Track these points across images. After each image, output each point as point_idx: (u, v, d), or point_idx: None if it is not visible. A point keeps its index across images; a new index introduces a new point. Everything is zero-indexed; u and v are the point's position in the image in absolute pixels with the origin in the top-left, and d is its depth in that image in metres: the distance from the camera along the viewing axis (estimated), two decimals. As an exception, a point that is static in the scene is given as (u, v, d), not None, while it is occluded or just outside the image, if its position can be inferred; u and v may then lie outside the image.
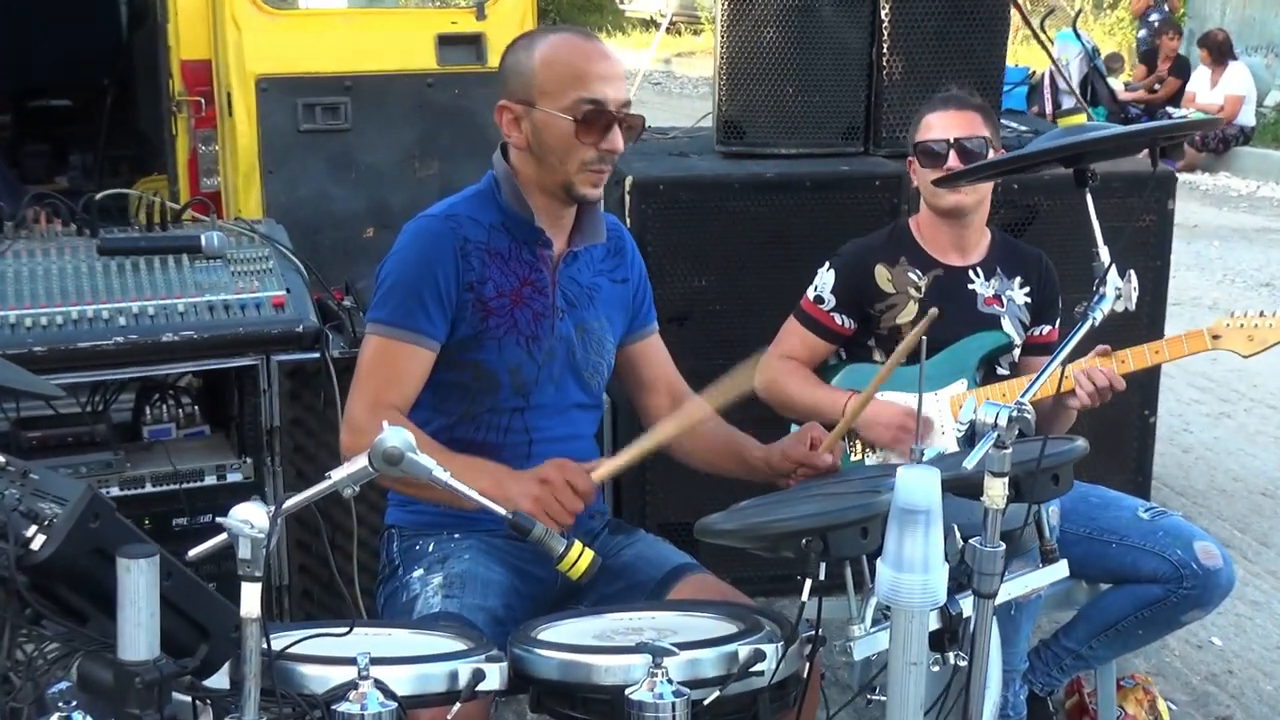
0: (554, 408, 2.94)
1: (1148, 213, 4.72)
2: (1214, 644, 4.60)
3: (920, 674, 2.02)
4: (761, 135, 4.63)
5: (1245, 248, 10.75)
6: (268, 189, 4.83)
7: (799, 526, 2.12)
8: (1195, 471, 6.15)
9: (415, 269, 2.82)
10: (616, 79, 2.80)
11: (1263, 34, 15.38)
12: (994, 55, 4.75)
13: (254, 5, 4.78)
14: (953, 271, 3.71)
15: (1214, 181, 13.54)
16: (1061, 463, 2.38)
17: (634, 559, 2.94)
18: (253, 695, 1.87)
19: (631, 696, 2.01)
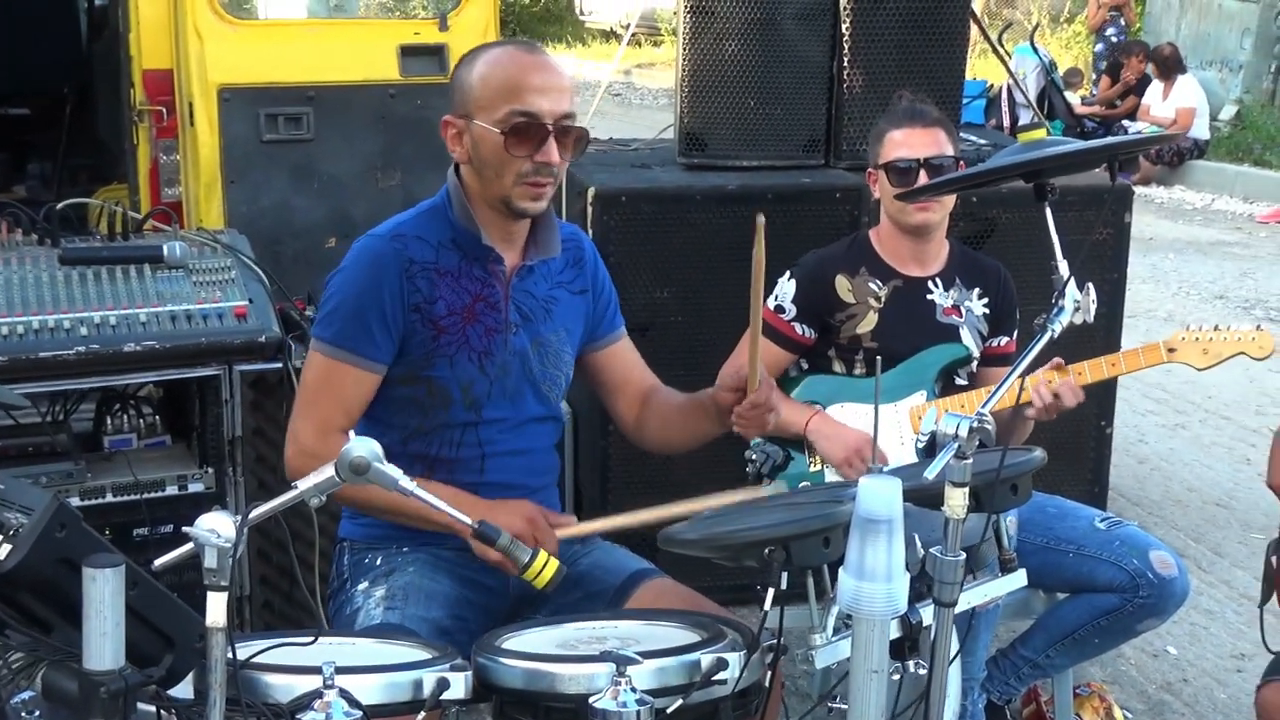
0: (508, 422, 2.93)
1: (1105, 226, 4.77)
2: (1169, 653, 4.63)
3: (882, 682, 2.03)
4: (723, 147, 4.66)
5: (1200, 261, 10.83)
6: (229, 199, 4.81)
7: (762, 536, 2.13)
8: (1151, 482, 6.19)
9: (359, 292, 2.81)
10: (554, 91, 2.77)
11: (1216, 49, 15.54)
12: (953, 68, 4.79)
13: (216, 15, 4.77)
14: (912, 282, 3.74)
15: (1169, 194, 13.64)
16: (1020, 473, 2.39)
17: (591, 567, 2.95)
18: (218, 705, 1.87)
19: (595, 705, 2.01)
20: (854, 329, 3.70)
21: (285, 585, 3.78)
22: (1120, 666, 4.50)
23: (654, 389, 3.15)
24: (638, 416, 3.14)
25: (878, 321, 3.70)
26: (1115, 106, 14.30)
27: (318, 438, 2.76)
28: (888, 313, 3.71)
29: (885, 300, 3.71)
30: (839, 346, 3.73)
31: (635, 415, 3.14)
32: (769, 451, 3.80)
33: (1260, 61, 15.46)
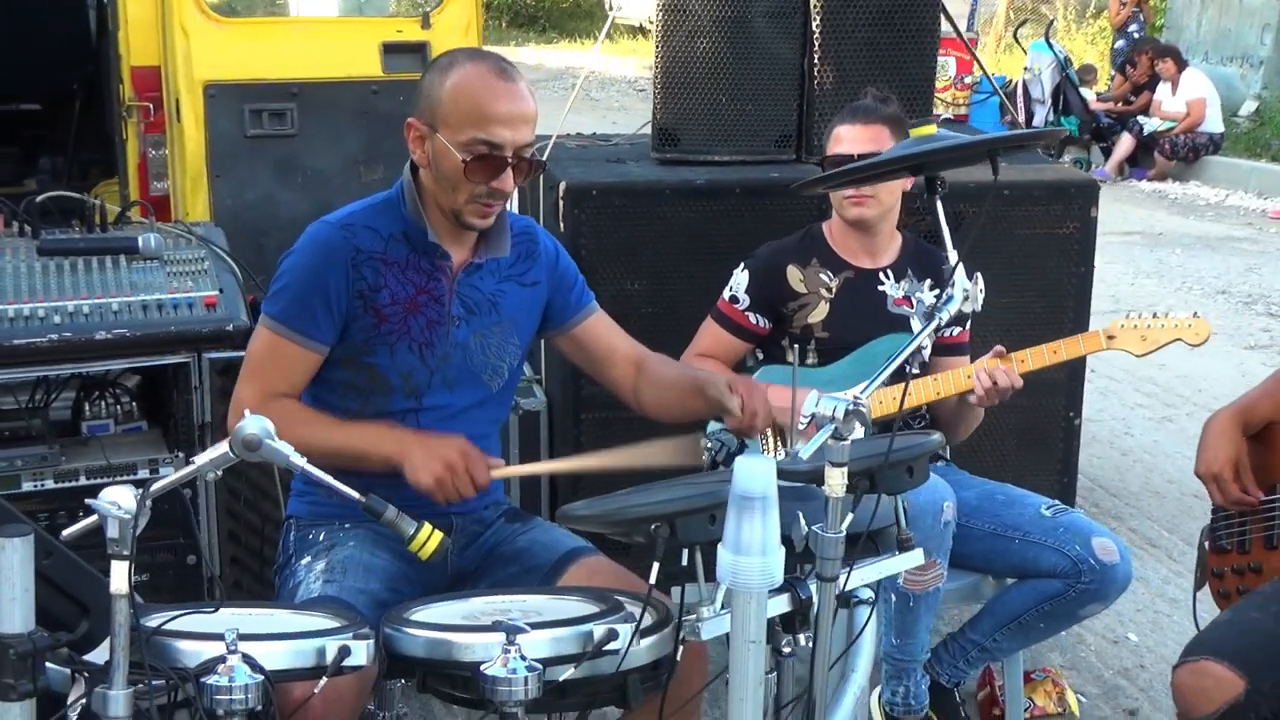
0: (449, 409, 3.01)
1: (1071, 220, 4.81)
2: (1130, 639, 4.69)
3: (759, 652, 2.12)
4: (696, 143, 4.71)
5: (1207, 256, 10.83)
6: (215, 193, 4.91)
7: (649, 513, 2.21)
8: (1131, 473, 6.24)
9: (306, 275, 2.91)
10: (519, 122, 2.84)
11: (1237, 45, 15.50)
12: (923, 64, 4.83)
13: (202, 13, 4.87)
14: (863, 273, 3.83)
15: (1183, 190, 13.63)
16: (914, 455, 2.46)
17: (529, 544, 3.04)
18: (121, 667, 1.97)
19: (486, 672, 2.11)
20: (805, 318, 3.79)
21: (256, 566, 3.88)
22: (1080, 652, 4.57)
23: (645, 356, 3.24)
24: (634, 383, 3.22)
25: (829, 311, 3.79)
26: (1130, 103, 14.27)
27: (259, 404, 2.79)
28: (839, 303, 3.79)
29: (836, 291, 3.80)
30: (792, 335, 3.81)
31: (631, 382, 3.22)
32: (724, 440, 3.91)
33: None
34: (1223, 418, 3.37)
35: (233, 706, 2.04)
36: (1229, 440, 3.32)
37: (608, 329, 3.28)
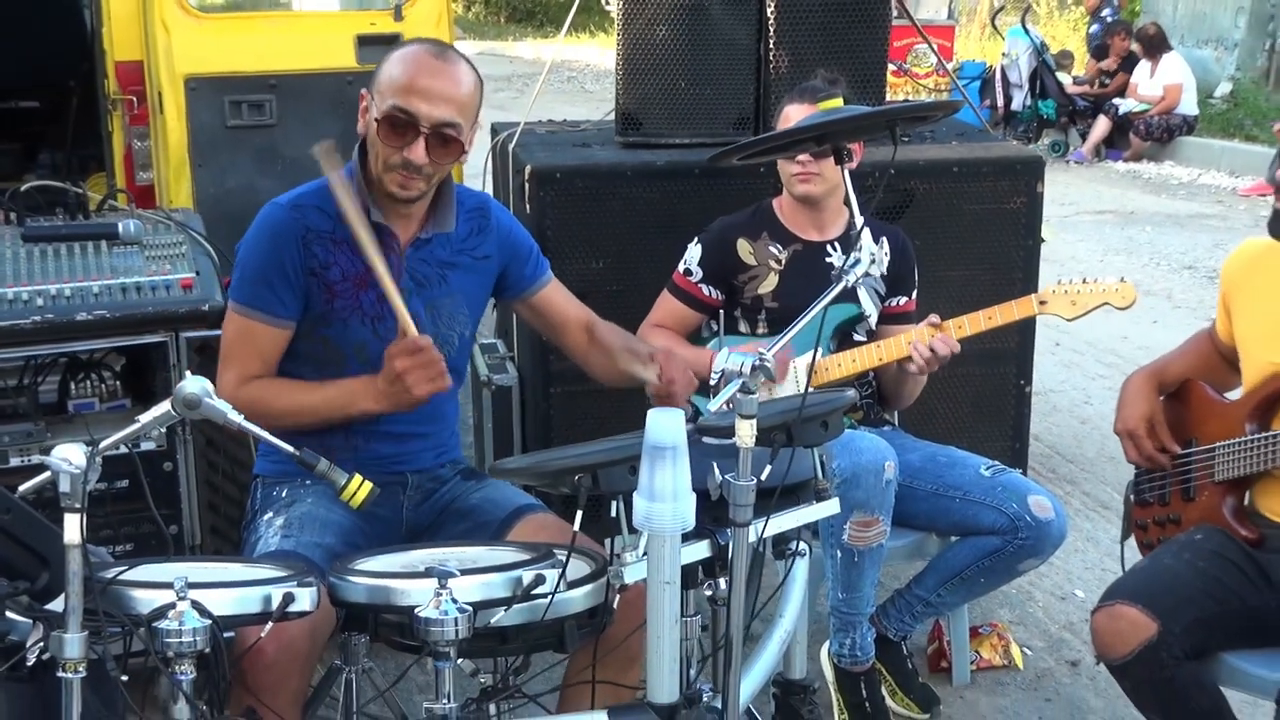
0: None
1: (1018, 195, 4.88)
2: (1077, 595, 4.77)
3: (675, 592, 2.21)
4: (657, 126, 4.78)
5: (1176, 233, 10.88)
6: (198, 181, 4.97)
7: (572, 464, 2.30)
8: (1089, 441, 6.31)
9: (262, 257, 3.02)
10: (439, 99, 2.89)
11: (1212, 28, 15.54)
12: (875, 48, 4.89)
13: (182, 9, 4.93)
14: (811, 246, 3.91)
15: (1158, 170, 13.68)
16: (827, 411, 2.55)
17: (481, 501, 3.12)
18: (76, 612, 2.07)
19: (419, 614, 2.21)
20: (756, 289, 3.88)
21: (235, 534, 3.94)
22: (1029, 608, 4.66)
23: (595, 324, 3.34)
24: (585, 349, 3.34)
25: (778, 283, 3.87)
26: (1105, 85, 14.33)
27: (237, 386, 2.98)
28: (787, 274, 3.88)
29: (785, 263, 3.88)
30: (743, 307, 3.90)
31: (583, 348, 3.34)
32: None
33: (1254, 40, 15.44)
34: (1138, 378, 3.46)
35: (182, 649, 2.13)
36: (1144, 399, 3.41)
37: (563, 299, 3.38)
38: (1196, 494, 3.33)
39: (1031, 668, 4.29)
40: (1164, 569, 3.16)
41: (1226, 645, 3.12)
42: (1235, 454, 3.21)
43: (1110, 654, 3.07)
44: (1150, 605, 3.02)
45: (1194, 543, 3.22)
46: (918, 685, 4.01)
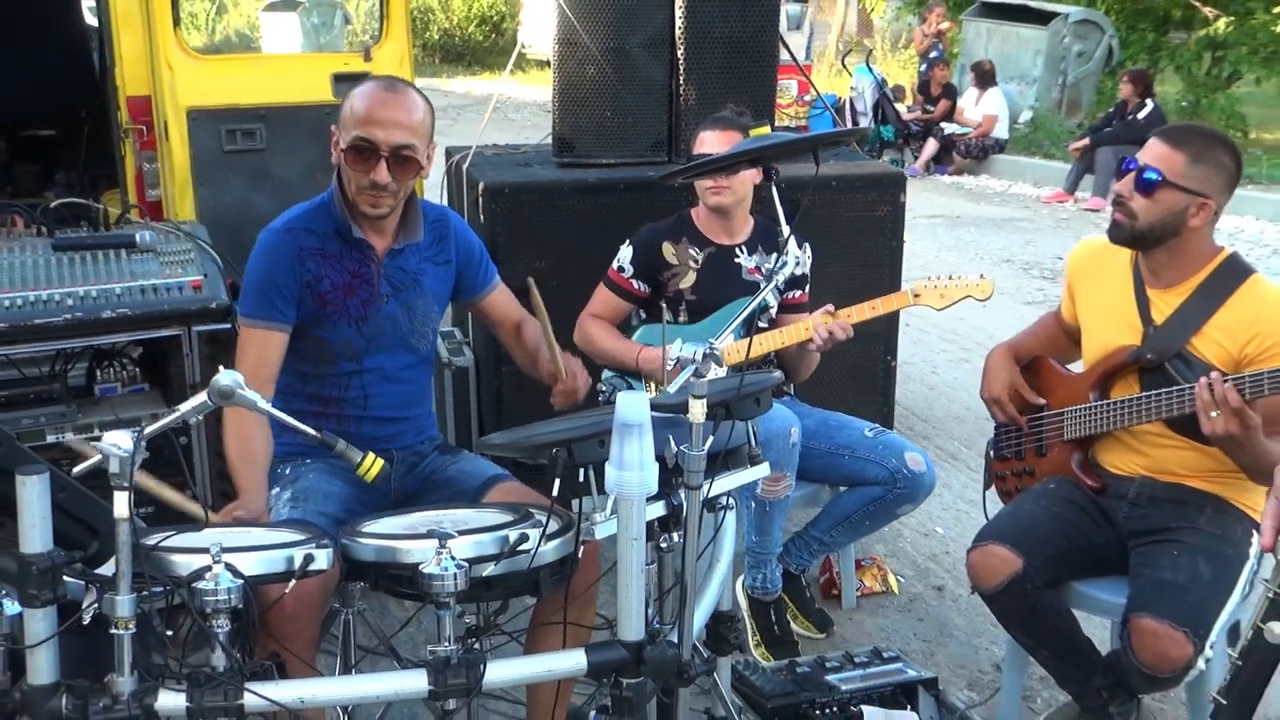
0: (384, 369, 3.01)
1: (885, 204, 4.86)
2: (937, 532, 4.76)
3: (641, 547, 2.13)
4: (588, 149, 4.71)
5: (994, 232, 10.94)
6: (199, 198, 4.81)
7: (550, 439, 2.21)
8: (938, 404, 6.32)
9: (264, 274, 2.91)
10: (394, 126, 2.79)
11: (1016, 66, 15.63)
12: (765, 84, 4.88)
13: (184, 51, 4.77)
14: (723, 249, 3.84)
15: (976, 182, 13.76)
16: (760, 389, 2.47)
17: (457, 473, 3.03)
18: (126, 577, 1.95)
19: (423, 570, 2.10)
20: (678, 284, 3.80)
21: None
22: (899, 544, 4.64)
23: (523, 322, 3.25)
24: (512, 343, 3.28)
25: (696, 279, 3.80)
26: (929, 112, 14.40)
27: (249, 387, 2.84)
28: (704, 272, 3.81)
29: (701, 263, 3.81)
30: (667, 299, 3.82)
31: (511, 342, 3.28)
32: (616, 384, 3.95)
33: (1049, 76, 15.57)
34: (999, 352, 3.43)
35: (218, 606, 2.01)
36: (1005, 369, 3.38)
37: (506, 301, 3.30)
38: (1048, 450, 3.30)
39: (905, 592, 4.27)
40: (1025, 514, 3.14)
41: (1076, 576, 3.10)
42: (1081, 417, 3.18)
43: (983, 585, 3.04)
44: (1015, 544, 3.00)
45: (1049, 491, 3.20)
46: (815, 610, 3.98)
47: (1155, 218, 2.94)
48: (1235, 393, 2.70)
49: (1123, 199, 2.97)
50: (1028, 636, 3.10)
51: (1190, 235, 2.97)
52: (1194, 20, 16.28)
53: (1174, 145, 2.93)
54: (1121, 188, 2.98)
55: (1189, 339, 2.99)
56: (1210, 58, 16.58)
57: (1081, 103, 15.63)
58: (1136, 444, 3.13)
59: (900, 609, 4.16)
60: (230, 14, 22.52)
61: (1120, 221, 2.99)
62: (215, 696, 1.99)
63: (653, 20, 4.64)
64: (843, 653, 3.60)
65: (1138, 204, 2.95)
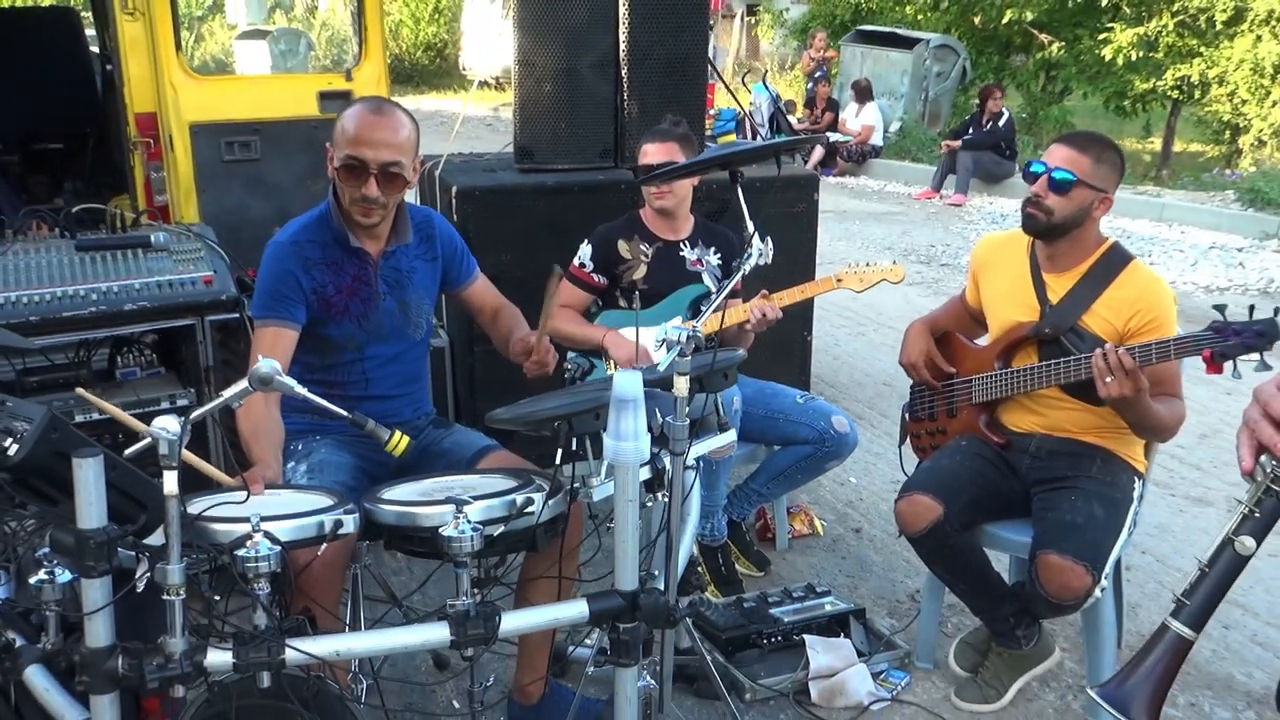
0: (383, 356, 2.89)
1: (801, 202, 4.82)
2: (851, 481, 4.73)
3: (635, 508, 2.04)
4: (545, 157, 4.59)
5: (875, 225, 10.96)
6: (202, 203, 4.63)
7: (553, 414, 2.12)
8: (842, 371, 6.29)
9: (273, 280, 2.77)
10: (381, 145, 2.66)
11: (887, 83, 15.67)
12: (698, 100, 4.77)
13: (186, 73, 4.57)
14: (669, 244, 3.75)
15: (857, 182, 13.80)
16: (728, 365, 2.40)
17: (451, 445, 2.92)
18: (175, 547, 1.82)
19: (443, 533, 2.00)
20: (631, 276, 3.70)
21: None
22: (820, 493, 4.59)
23: (500, 309, 3.14)
24: (490, 327, 3.15)
25: (647, 271, 3.70)
26: (816, 123, 14.41)
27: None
28: (654, 265, 3.71)
29: (651, 256, 3.71)
30: (622, 290, 3.73)
31: (489, 326, 3.15)
32: (579, 362, 3.83)
33: (914, 92, 15.65)
34: (916, 325, 3.39)
35: (259, 570, 1.90)
36: (922, 339, 3.34)
37: (485, 290, 3.18)
38: (958, 412, 3.26)
39: (828, 534, 4.22)
40: (943, 467, 3.09)
41: (987, 519, 3.07)
42: (988, 383, 3.14)
43: (909, 530, 2.99)
44: (936, 493, 2.96)
45: (961, 447, 3.16)
46: (754, 552, 3.93)
47: (1069, 212, 2.92)
48: (1130, 358, 2.67)
49: (1038, 198, 2.93)
50: (947, 573, 3.06)
51: (1089, 225, 2.95)
52: (1032, 45, 16.45)
53: (1079, 150, 2.90)
54: (1037, 188, 2.93)
55: (1080, 316, 2.97)
56: (1045, 76, 16.81)
57: (941, 114, 15.75)
58: (1035, 406, 3.10)
59: (825, 549, 4.11)
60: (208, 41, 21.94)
61: (1035, 216, 2.95)
62: (259, 653, 1.88)
63: (600, 44, 4.52)
64: (781, 589, 3.56)
65: (1053, 201, 2.91)
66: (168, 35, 4.49)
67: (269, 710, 1.99)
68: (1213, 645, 3.49)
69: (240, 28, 21.83)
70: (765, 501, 3.94)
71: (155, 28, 4.49)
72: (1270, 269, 8.81)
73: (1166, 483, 4.73)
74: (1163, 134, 14.99)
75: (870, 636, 3.41)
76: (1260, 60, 12.75)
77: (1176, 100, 14.22)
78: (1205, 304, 7.75)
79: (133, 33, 4.50)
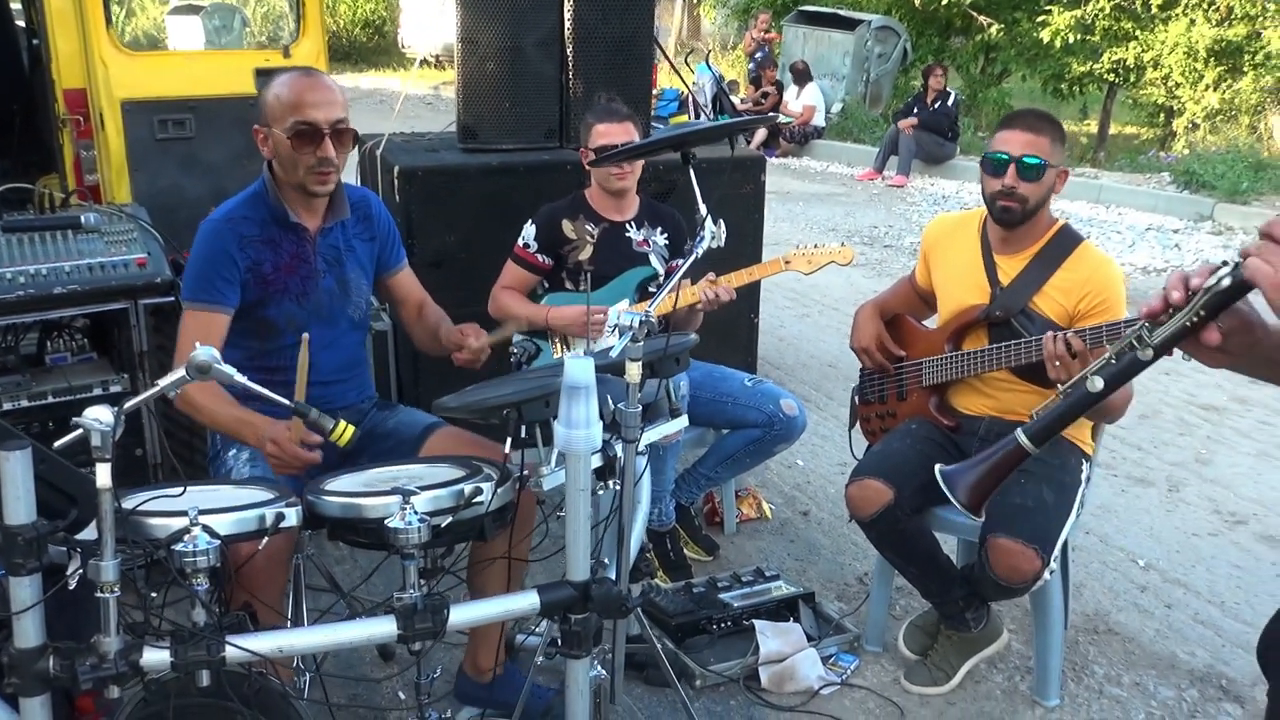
0: (324, 338, 2.78)
1: (748, 183, 4.78)
2: (799, 464, 4.72)
3: (587, 496, 2.00)
4: (489, 136, 4.51)
5: (818, 205, 10.98)
6: (135, 182, 4.50)
7: (502, 401, 2.06)
8: (788, 353, 6.28)
9: (206, 261, 2.67)
10: (327, 104, 2.61)
11: (829, 65, 15.68)
12: (643, 80, 4.72)
13: (116, 48, 4.43)
14: (615, 225, 3.70)
15: (800, 164, 13.81)
16: (681, 350, 2.36)
17: (397, 425, 2.86)
18: (109, 543, 1.75)
19: (389, 525, 1.94)
20: (577, 256, 3.65)
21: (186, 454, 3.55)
22: (768, 476, 4.57)
23: (424, 304, 3.05)
24: (413, 322, 3.06)
25: (592, 251, 3.65)
26: (761, 104, 14.40)
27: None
28: (599, 246, 3.66)
29: (597, 237, 3.66)
30: (568, 270, 3.67)
31: (412, 320, 3.06)
32: (525, 346, 3.77)
33: (856, 74, 15.67)
34: (866, 308, 3.37)
35: (198, 565, 1.83)
36: (872, 323, 3.32)
37: (410, 281, 3.09)
38: (908, 395, 3.25)
39: (776, 518, 4.21)
40: (894, 451, 3.08)
41: (937, 503, 3.05)
42: (938, 366, 3.13)
43: (860, 514, 2.98)
44: (887, 478, 2.95)
45: (911, 431, 3.15)
46: (703, 536, 3.91)
47: (1041, 197, 2.93)
48: (1080, 341, 2.67)
49: (1011, 188, 2.90)
50: (898, 557, 3.05)
51: (1048, 205, 2.96)
52: (972, 27, 16.56)
53: (1035, 132, 2.89)
54: (1008, 179, 2.90)
55: (1031, 298, 2.96)
56: (984, 58, 16.94)
57: (882, 96, 15.80)
58: (985, 388, 3.10)
59: (773, 532, 4.10)
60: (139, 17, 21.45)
61: (1012, 208, 2.92)
62: (198, 651, 1.81)
63: (544, 22, 4.45)
64: (730, 573, 3.53)
65: (1026, 189, 2.90)
66: (97, 9, 4.35)
67: (208, 709, 1.92)
68: (1156, 625, 3.53)
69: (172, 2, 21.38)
70: (713, 485, 3.91)
71: (84, 1, 4.34)
72: (1205, 250, 8.94)
73: (1108, 463, 4.77)
74: (1099, 116, 15.18)
75: (819, 620, 3.40)
76: (1194, 44, 12.93)
77: (1113, 83, 14.40)
78: (1144, 286, 7.85)
79: (60, 6, 4.35)
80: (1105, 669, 3.27)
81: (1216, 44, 12.87)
